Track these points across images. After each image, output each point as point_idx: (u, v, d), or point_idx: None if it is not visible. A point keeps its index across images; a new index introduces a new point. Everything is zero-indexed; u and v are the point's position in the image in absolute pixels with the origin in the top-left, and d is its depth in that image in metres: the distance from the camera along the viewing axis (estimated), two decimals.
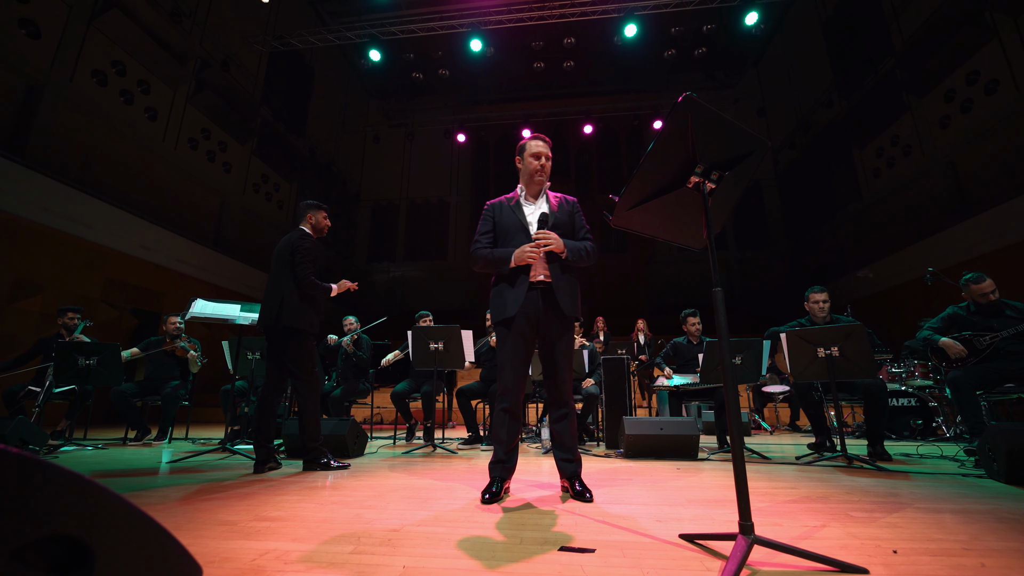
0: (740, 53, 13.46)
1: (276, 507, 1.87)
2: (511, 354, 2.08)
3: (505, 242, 2.17)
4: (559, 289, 2.08)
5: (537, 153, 2.22)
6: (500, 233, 2.20)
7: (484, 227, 2.24)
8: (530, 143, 2.25)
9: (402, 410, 4.73)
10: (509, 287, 2.09)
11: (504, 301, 2.09)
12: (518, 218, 2.19)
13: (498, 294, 2.14)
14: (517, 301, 2.05)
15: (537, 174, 2.21)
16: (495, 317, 2.13)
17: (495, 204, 2.29)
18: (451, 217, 15.27)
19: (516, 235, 2.15)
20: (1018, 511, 1.75)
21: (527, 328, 2.09)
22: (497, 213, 2.25)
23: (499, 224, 2.22)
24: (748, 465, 3.10)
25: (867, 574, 1.16)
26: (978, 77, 7.79)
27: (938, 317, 3.32)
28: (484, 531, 1.54)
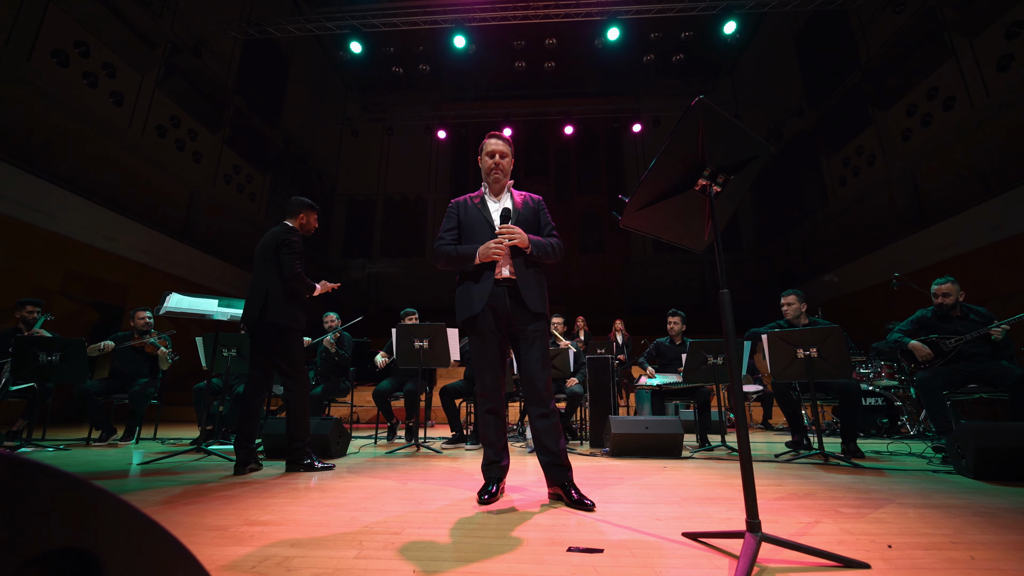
0: (715, 61, 13.81)
1: (266, 510, 1.80)
2: (482, 354, 2.07)
3: (469, 239, 2.14)
4: (524, 285, 2.04)
5: (492, 151, 2.18)
6: (464, 230, 2.18)
7: (448, 224, 2.21)
8: (486, 142, 2.22)
9: (384, 409, 4.65)
10: (474, 284, 2.06)
11: (470, 298, 2.05)
12: (482, 215, 2.16)
13: (463, 292, 2.10)
14: (483, 298, 2.02)
15: (493, 172, 2.19)
16: (461, 316, 2.09)
17: (459, 202, 2.26)
18: (429, 214, 15.11)
19: (481, 232, 2.12)
20: (992, 505, 1.85)
21: (494, 325, 2.05)
22: (461, 211, 2.21)
23: (463, 222, 2.19)
24: (731, 464, 3.18)
25: (869, 568, 1.20)
26: (937, 93, 8.23)
27: (907, 320, 3.48)
28: (488, 533, 1.52)
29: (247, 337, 4.10)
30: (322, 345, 4.68)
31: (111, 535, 0.63)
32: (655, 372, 4.47)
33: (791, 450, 3.62)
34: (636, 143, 14.64)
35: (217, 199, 10.11)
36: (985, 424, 2.38)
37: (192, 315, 3.26)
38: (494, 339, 2.06)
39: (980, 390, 3.08)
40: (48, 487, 0.59)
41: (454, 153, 15.24)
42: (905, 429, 4.70)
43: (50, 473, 0.58)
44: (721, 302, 1.43)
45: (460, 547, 1.38)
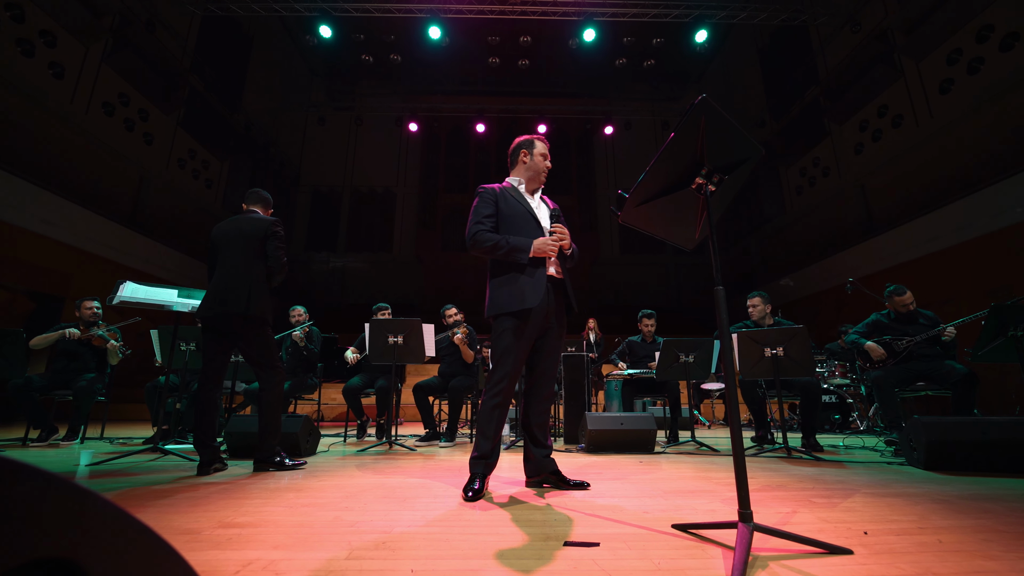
0: (684, 69, 14.21)
1: (239, 512, 1.70)
2: (516, 348, 2.02)
3: (509, 229, 2.13)
4: (568, 284, 2.15)
5: (545, 154, 2.30)
6: (504, 219, 2.15)
7: (486, 209, 2.16)
8: (540, 143, 2.30)
9: (354, 406, 4.52)
10: (526, 278, 2.03)
11: (521, 291, 2.01)
12: (524, 207, 2.18)
13: (509, 283, 2.05)
14: (537, 293, 2.01)
15: (543, 174, 2.29)
16: (507, 307, 2.03)
17: (494, 189, 2.24)
18: (397, 208, 14.81)
19: (525, 223, 2.13)
20: (946, 493, 1.99)
21: (541, 321, 2.07)
22: (500, 198, 2.20)
23: (503, 210, 2.17)
24: (701, 458, 3.28)
25: (852, 554, 1.26)
26: (887, 111, 8.78)
27: (863, 323, 3.70)
28: (480, 530, 1.50)
29: None
30: (289, 339, 4.49)
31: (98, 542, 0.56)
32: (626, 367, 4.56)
33: (756, 445, 3.78)
34: (607, 145, 14.87)
35: (170, 184, 9.52)
36: (935, 419, 2.55)
37: (149, 305, 3.04)
38: (532, 335, 2.07)
39: (927, 388, 3.31)
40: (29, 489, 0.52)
41: (425, 147, 14.98)
42: (856, 424, 5.00)
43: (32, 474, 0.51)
44: (716, 299, 1.46)
45: (455, 544, 1.35)
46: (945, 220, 7.30)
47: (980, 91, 7.09)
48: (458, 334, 4.29)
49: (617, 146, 14.80)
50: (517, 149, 2.33)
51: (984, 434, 2.42)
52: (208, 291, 2.67)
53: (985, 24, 7.02)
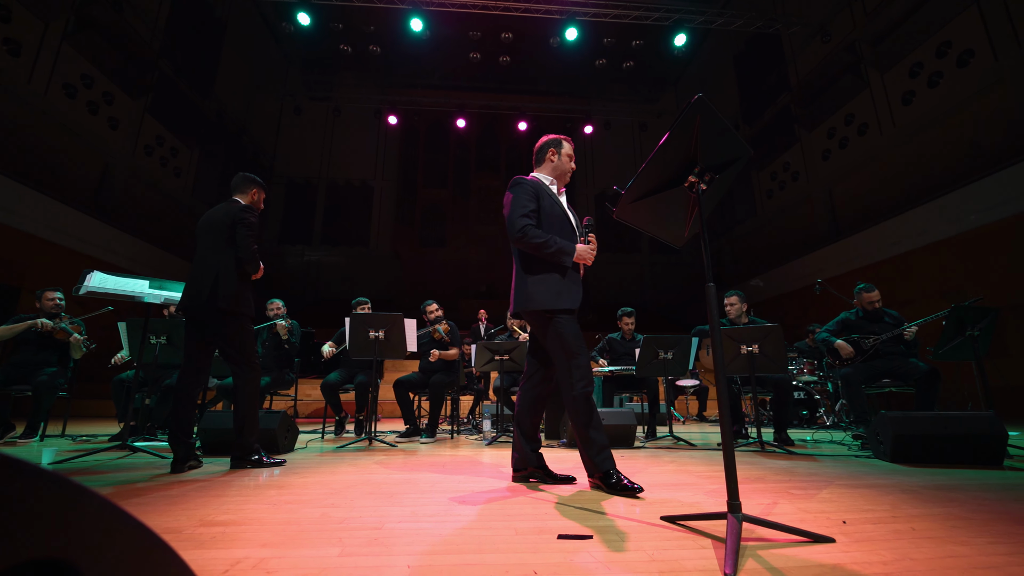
0: (662, 72, 14.46)
1: (220, 510, 1.65)
2: (580, 338, 2.11)
3: (550, 228, 2.16)
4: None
5: (572, 155, 2.35)
6: (544, 217, 2.16)
7: (531, 203, 2.15)
8: (567, 144, 2.35)
9: (332, 402, 4.43)
10: (568, 280, 2.12)
11: (569, 291, 2.11)
12: (561, 209, 2.23)
13: (553, 282, 2.11)
14: (579, 296, 2.14)
15: (568, 175, 2.35)
16: (544, 304, 2.09)
17: (534, 183, 2.23)
18: (375, 202, 14.58)
19: (560, 224, 2.18)
20: (914, 484, 2.09)
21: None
22: (541, 193, 2.21)
23: (544, 208, 2.18)
24: (680, 452, 3.36)
25: (834, 542, 1.31)
26: (854, 119, 9.15)
27: (832, 321, 3.85)
28: (472, 525, 1.49)
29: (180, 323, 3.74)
30: (265, 333, 4.37)
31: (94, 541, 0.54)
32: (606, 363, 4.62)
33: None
34: (587, 145, 14.99)
35: (136, 172, 9.10)
36: (901, 414, 2.68)
37: (119, 296, 2.90)
38: None
39: (891, 384, 3.47)
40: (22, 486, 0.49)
41: (404, 140, 14.79)
42: (822, 420, 5.20)
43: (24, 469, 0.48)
44: (708, 295, 1.49)
45: (448, 539, 1.34)
46: (906, 226, 7.66)
47: (939, 103, 7.46)
48: (439, 331, 4.26)
49: (596, 146, 14.94)
50: (545, 147, 2.35)
51: (945, 428, 2.56)
52: (186, 285, 2.60)
53: (944, 40, 7.40)
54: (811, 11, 9.64)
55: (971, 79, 6.99)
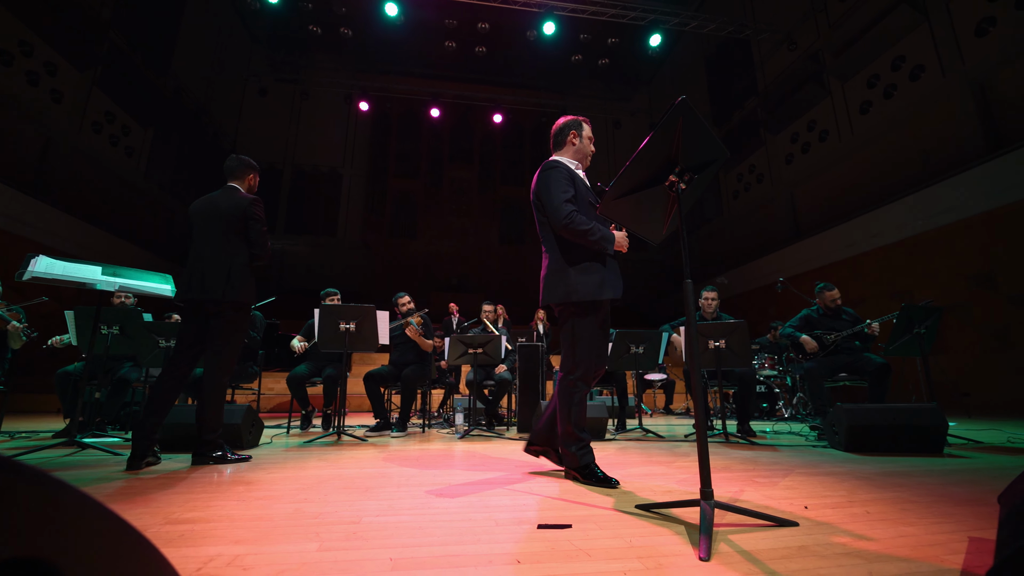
0: (635, 71, 14.65)
1: (186, 507, 1.58)
2: (600, 337, 2.07)
3: (583, 213, 2.06)
4: None
5: (592, 138, 2.28)
6: (579, 202, 2.07)
7: (569, 189, 2.05)
8: (587, 126, 2.27)
9: (299, 396, 4.31)
10: (608, 269, 2.06)
11: (608, 280, 2.04)
12: (590, 192, 2.18)
13: (591, 270, 2.04)
14: (620, 285, 2.08)
15: (588, 158, 2.27)
16: (589, 295, 2.01)
17: (566, 165, 2.15)
18: (343, 190, 14.20)
19: (590, 210, 2.11)
20: (866, 471, 2.23)
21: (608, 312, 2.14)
22: (576, 178, 2.14)
23: (579, 191, 2.10)
24: (649, 444, 3.45)
25: (798, 526, 1.38)
26: (815, 126, 9.56)
27: (796, 318, 4.03)
28: (452, 517, 1.49)
29: (135, 312, 3.55)
30: None
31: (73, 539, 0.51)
32: None
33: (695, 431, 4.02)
34: None
35: (82, 150, 8.50)
36: (855, 406, 2.85)
37: (68, 283, 2.71)
38: (606, 324, 2.12)
39: (847, 378, 3.68)
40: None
41: (375, 128, 14.43)
42: (781, 412, 5.46)
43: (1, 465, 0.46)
44: (685, 291, 1.53)
45: (429, 532, 1.33)
46: (860, 229, 8.08)
47: (893, 114, 7.89)
48: (412, 326, 4.21)
49: None
50: (565, 129, 2.25)
51: (893, 419, 2.73)
52: (185, 273, 2.53)
53: (899, 55, 7.81)
54: (779, 19, 9.97)
55: (922, 93, 7.41)
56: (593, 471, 2.00)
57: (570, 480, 2.09)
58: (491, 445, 3.39)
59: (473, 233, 14.64)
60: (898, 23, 7.65)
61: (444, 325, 6.26)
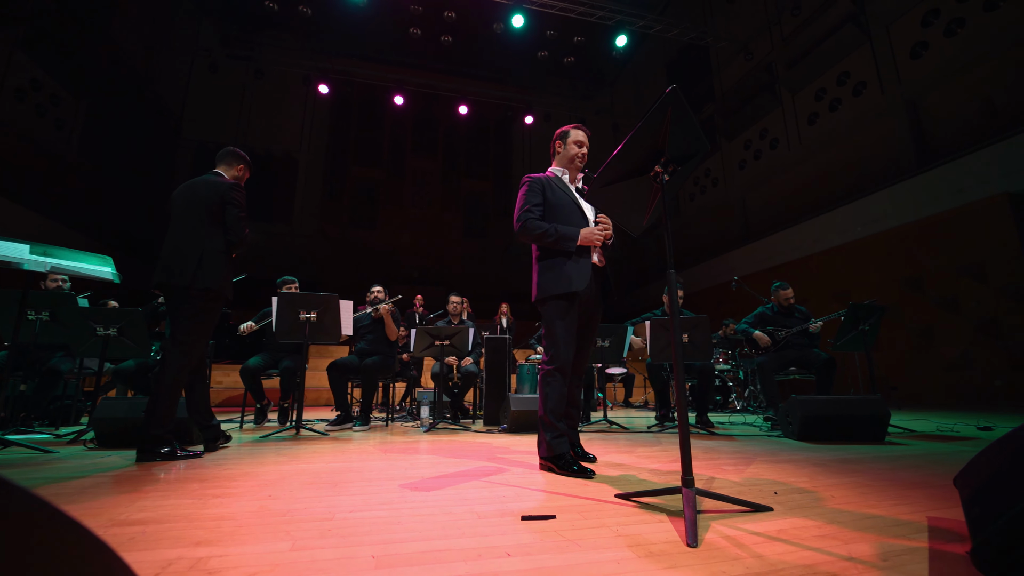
0: (600, 71, 14.86)
1: (134, 508, 1.44)
2: (570, 330, 2.12)
3: (556, 218, 2.21)
4: (610, 274, 2.26)
5: (580, 141, 2.34)
6: (551, 208, 2.23)
7: (535, 199, 2.23)
8: (575, 131, 2.36)
9: (253, 388, 4.08)
10: (572, 263, 2.13)
11: (568, 276, 2.11)
12: (570, 197, 2.27)
13: (555, 267, 2.15)
14: (584, 278, 2.11)
15: (578, 159, 2.33)
16: (554, 290, 2.12)
17: (541, 179, 2.31)
18: (299, 176, 13.58)
19: (571, 213, 2.22)
20: (822, 458, 2.36)
21: (583, 304, 2.18)
22: (547, 188, 2.27)
23: (550, 199, 2.25)
24: (614, 435, 3.51)
25: (772, 511, 1.43)
26: (767, 134, 10.05)
27: (751, 315, 4.22)
28: (432, 511, 1.44)
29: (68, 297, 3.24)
30: None
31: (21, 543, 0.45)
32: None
33: (658, 423, 4.14)
34: (526, 134, 15.06)
35: (3, 120, 7.66)
36: (809, 398, 3.01)
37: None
38: (578, 318, 2.17)
39: (796, 372, 3.89)
40: None
41: (335, 113, 13.87)
42: (734, 405, 5.72)
43: None
44: (669, 281, 1.55)
45: (409, 527, 1.27)
46: (805, 233, 8.58)
47: (837, 126, 8.41)
48: (385, 304, 4.08)
49: (535, 137, 15.06)
50: (554, 141, 2.41)
51: (843, 410, 2.91)
52: (159, 259, 2.47)
53: (844, 71, 8.32)
54: (738, 29, 10.39)
55: (863, 108, 7.95)
56: (568, 462, 2.01)
57: (545, 471, 2.08)
58: (459, 438, 3.33)
59: (436, 225, 14.42)
60: (844, 41, 8.14)
61: (408, 318, 6.12)
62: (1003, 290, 5.61)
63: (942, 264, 6.33)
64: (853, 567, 1.00)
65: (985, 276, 5.81)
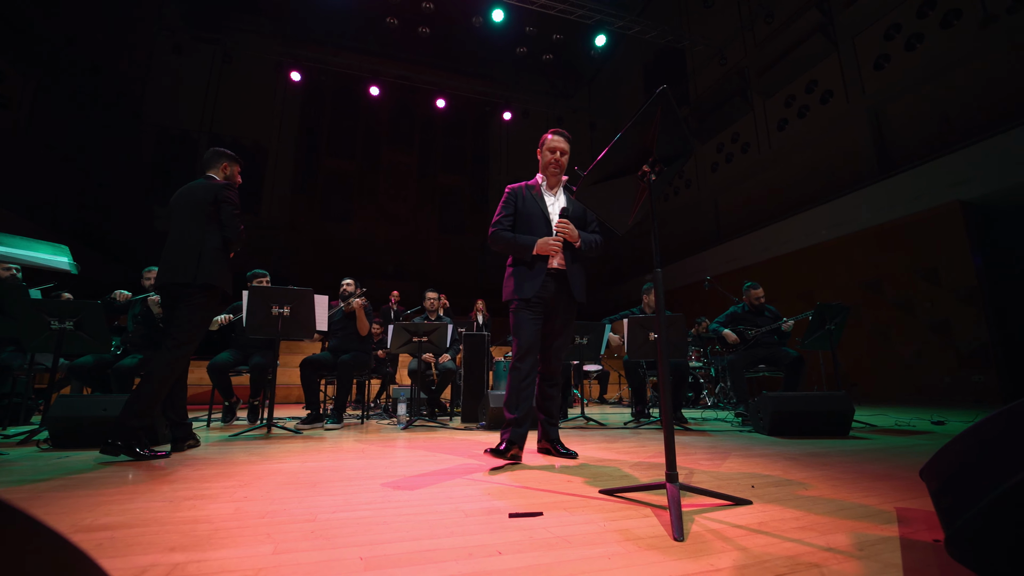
0: (578, 70, 14.95)
1: (99, 512, 1.36)
2: (526, 328, 2.23)
3: (526, 228, 2.32)
4: (572, 276, 2.29)
5: (553, 148, 2.37)
6: (521, 218, 2.34)
7: (506, 210, 2.36)
8: (550, 137, 2.38)
9: (221, 386, 3.93)
10: (528, 270, 2.25)
11: (521, 284, 2.24)
12: (540, 207, 2.35)
13: (517, 275, 2.28)
14: (534, 286, 2.22)
15: (552, 166, 2.37)
16: (510, 294, 2.29)
17: (516, 190, 2.40)
18: (268, 166, 13.16)
19: (537, 224, 2.32)
20: (793, 452, 2.45)
21: (540, 309, 2.26)
22: (519, 199, 2.37)
23: (520, 210, 2.35)
24: (589, 431, 3.55)
25: (752, 504, 1.47)
26: (739, 137, 10.33)
27: (723, 314, 4.34)
28: (417, 510, 1.41)
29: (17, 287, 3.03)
30: (137, 307, 3.71)
31: None
32: None
33: (634, 419, 4.21)
34: (503, 130, 15.01)
35: None
36: (779, 394, 3.12)
37: None
38: (538, 321, 2.25)
39: (766, 369, 4.02)
40: None
41: (307, 102, 13.48)
42: (704, 401, 5.88)
43: None
44: (656, 281, 1.57)
45: (395, 527, 1.25)
46: (773, 235, 8.89)
47: (806, 132, 8.73)
48: (358, 299, 3.99)
49: (513, 133, 15.03)
50: (539, 148, 2.44)
51: (811, 405, 3.03)
52: (161, 262, 2.53)
53: (812, 79, 8.64)
54: (713, 34, 10.62)
55: (830, 115, 8.27)
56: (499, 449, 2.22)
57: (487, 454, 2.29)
58: (438, 435, 3.30)
59: (411, 220, 14.23)
60: (813, 50, 8.44)
61: (383, 313, 6.02)
62: (954, 292, 5.96)
63: (899, 267, 6.67)
64: (833, 557, 1.03)
65: (938, 279, 6.16)
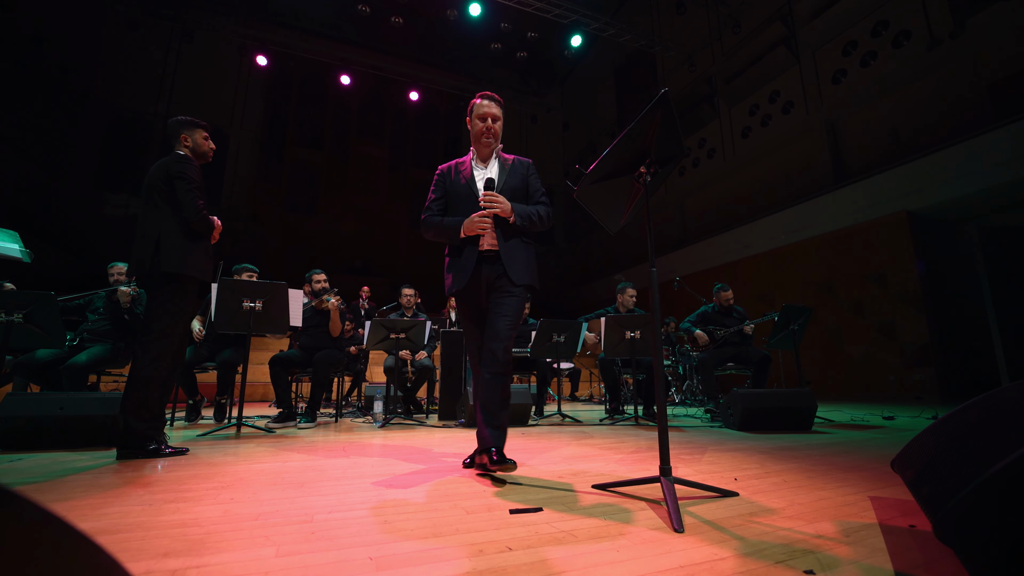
0: (551, 68, 15.04)
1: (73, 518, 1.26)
2: (465, 329, 2.11)
3: (455, 210, 2.07)
4: (508, 256, 1.97)
5: (483, 114, 2.08)
6: (451, 200, 2.10)
7: (435, 193, 2.12)
8: (478, 103, 2.10)
9: (185, 383, 3.75)
10: (458, 258, 2.02)
11: (454, 274, 2.02)
12: (468, 185, 2.07)
13: (452, 265, 2.05)
14: (466, 273, 1.97)
15: (484, 136, 2.08)
16: (449, 289, 2.04)
17: (445, 169, 2.16)
18: (230, 153, 12.55)
19: (467, 203, 2.04)
20: (765, 446, 2.57)
21: (477, 299, 2.03)
22: (447, 179, 2.12)
23: (450, 191, 2.10)
24: (569, 428, 3.60)
25: (738, 495, 1.54)
26: (705, 143, 10.68)
27: (694, 314, 4.49)
28: (416, 508, 1.40)
29: None
30: (98, 301, 3.47)
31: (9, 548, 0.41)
32: None
33: (608, 416, 4.30)
34: None
35: None
36: (748, 391, 3.27)
37: None
38: (476, 311, 2.05)
39: (734, 367, 4.19)
40: None
41: (273, 88, 12.95)
42: (672, 398, 6.07)
43: None
44: (651, 280, 1.61)
45: (398, 526, 1.23)
46: (735, 239, 9.25)
47: (768, 141, 9.12)
48: (331, 300, 3.89)
49: None
50: (467, 117, 2.15)
51: (778, 402, 3.19)
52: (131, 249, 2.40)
53: (775, 90, 9.03)
54: (683, 40, 10.91)
55: (791, 125, 8.68)
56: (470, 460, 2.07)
57: None
58: (417, 433, 3.27)
59: (381, 214, 13.94)
60: (777, 61, 8.83)
61: (353, 310, 5.88)
62: (899, 296, 6.39)
63: (851, 272, 7.09)
64: (824, 543, 1.10)
65: (886, 283, 6.59)
